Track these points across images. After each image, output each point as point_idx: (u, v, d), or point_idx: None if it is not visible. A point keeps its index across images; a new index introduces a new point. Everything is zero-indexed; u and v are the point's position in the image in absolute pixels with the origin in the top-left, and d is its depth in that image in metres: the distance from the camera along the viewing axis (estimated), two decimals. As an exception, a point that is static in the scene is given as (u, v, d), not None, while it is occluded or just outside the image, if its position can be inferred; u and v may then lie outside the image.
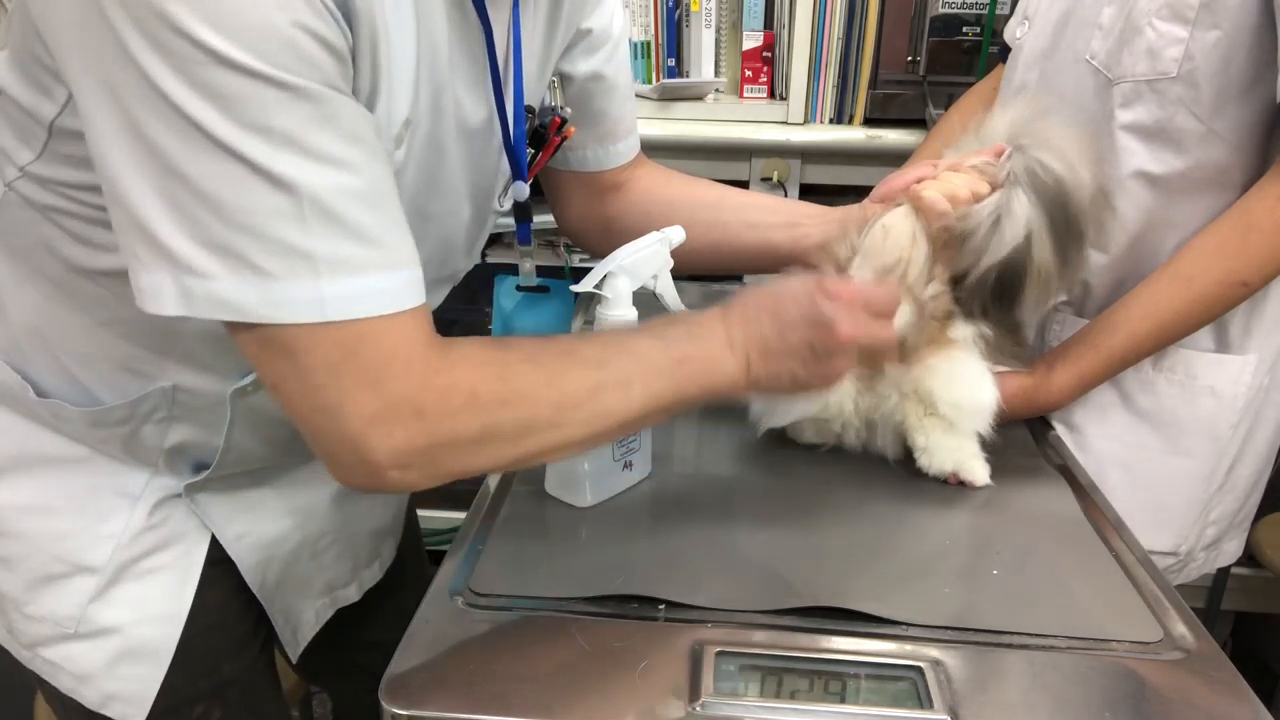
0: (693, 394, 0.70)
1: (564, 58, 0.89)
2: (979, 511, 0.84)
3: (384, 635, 0.70)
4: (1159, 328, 0.94)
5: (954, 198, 0.82)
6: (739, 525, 0.81)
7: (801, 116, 1.57)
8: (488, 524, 0.81)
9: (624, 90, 0.95)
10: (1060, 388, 0.95)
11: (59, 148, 0.65)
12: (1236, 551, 1.12)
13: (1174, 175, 0.95)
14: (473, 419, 0.62)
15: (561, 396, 0.65)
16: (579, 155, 0.96)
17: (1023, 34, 1.11)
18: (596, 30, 0.89)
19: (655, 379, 0.68)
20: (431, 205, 0.75)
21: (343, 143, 0.56)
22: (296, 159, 0.54)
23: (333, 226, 0.56)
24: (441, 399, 0.60)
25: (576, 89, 0.91)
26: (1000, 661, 0.67)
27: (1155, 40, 0.91)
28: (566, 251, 1.70)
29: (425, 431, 0.60)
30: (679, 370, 0.69)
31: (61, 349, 0.75)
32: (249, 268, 0.55)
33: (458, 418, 0.61)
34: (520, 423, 0.64)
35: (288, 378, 0.59)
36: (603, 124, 0.94)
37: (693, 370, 0.69)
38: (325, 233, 0.55)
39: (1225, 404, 1.00)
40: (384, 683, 0.62)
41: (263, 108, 0.53)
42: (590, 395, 0.66)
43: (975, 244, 0.81)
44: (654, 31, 1.68)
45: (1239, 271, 0.91)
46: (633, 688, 0.63)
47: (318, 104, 0.54)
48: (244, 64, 0.51)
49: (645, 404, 0.68)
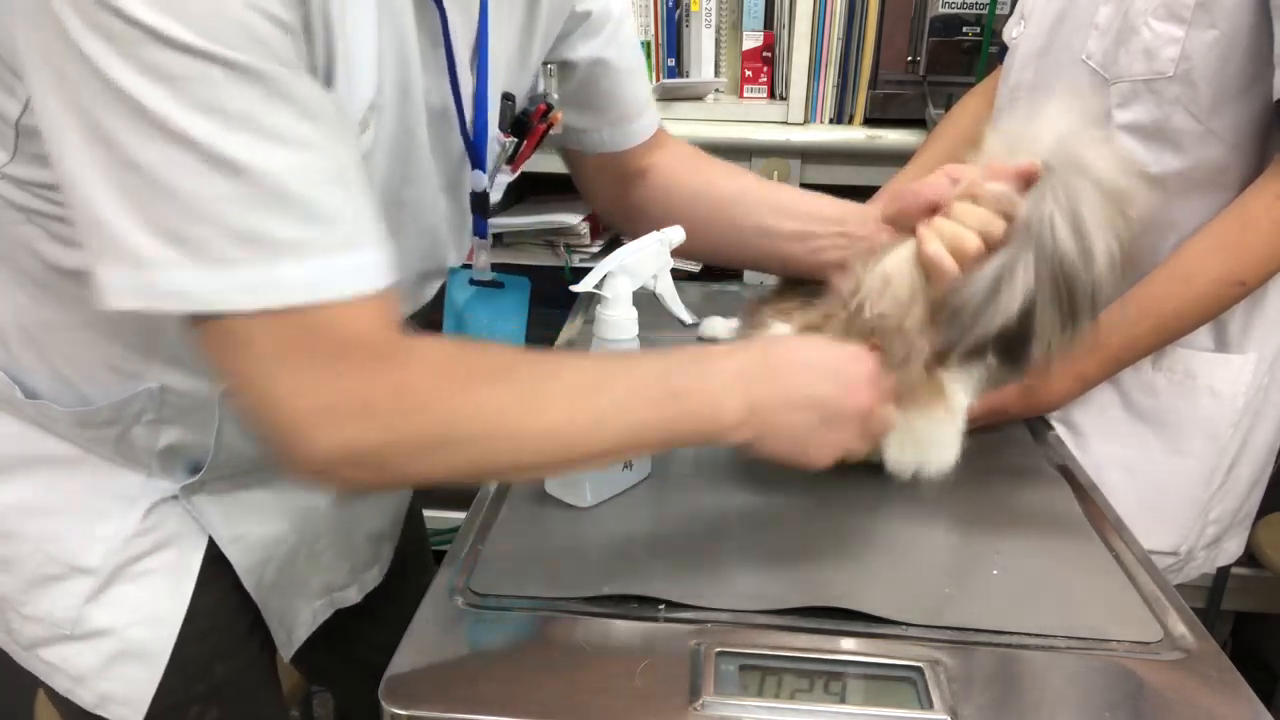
0: (684, 431, 0.66)
1: (564, 44, 0.87)
2: (979, 511, 0.84)
3: (388, 634, 0.70)
4: (1157, 327, 0.94)
5: (961, 252, 0.75)
6: (739, 525, 0.81)
7: (801, 116, 1.57)
8: (488, 524, 0.81)
9: (631, 71, 0.92)
10: (1059, 388, 0.96)
11: (28, 147, 0.64)
12: (1237, 550, 1.12)
13: (1172, 175, 0.95)
14: (426, 425, 0.58)
15: (528, 423, 0.61)
16: (596, 138, 0.93)
17: (1019, 33, 1.12)
18: (596, 12, 0.87)
19: (644, 409, 0.64)
20: (405, 192, 0.74)
21: (298, 120, 0.54)
22: (250, 140, 0.52)
23: (290, 208, 0.54)
24: (395, 398, 0.57)
25: (582, 74, 0.89)
26: (1000, 661, 0.67)
27: (1151, 40, 0.91)
28: (566, 252, 1.70)
29: (375, 430, 0.57)
30: (673, 403, 0.65)
31: (49, 350, 0.74)
32: (206, 256, 0.53)
33: (410, 420, 0.58)
34: (479, 440, 0.60)
35: (242, 369, 0.56)
36: (615, 107, 0.92)
37: (689, 406, 0.65)
38: (282, 215, 0.54)
39: (1225, 403, 1.00)
40: (384, 683, 0.62)
41: (212, 88, 0.51)
42: (564, 425, 0.62)
43: (969, 315, 0.75)
44: (654, 31, 1.68)
45: (1236, 270, 0.91)
46: (633, 688, 0.63)
47: (270, 82, 0.53)
48: (190, 44, 0.50)
49: (627, 438, 0.64)
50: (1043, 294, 0.73)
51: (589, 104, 0.91)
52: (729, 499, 0.85)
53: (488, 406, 0.60)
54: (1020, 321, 0.74)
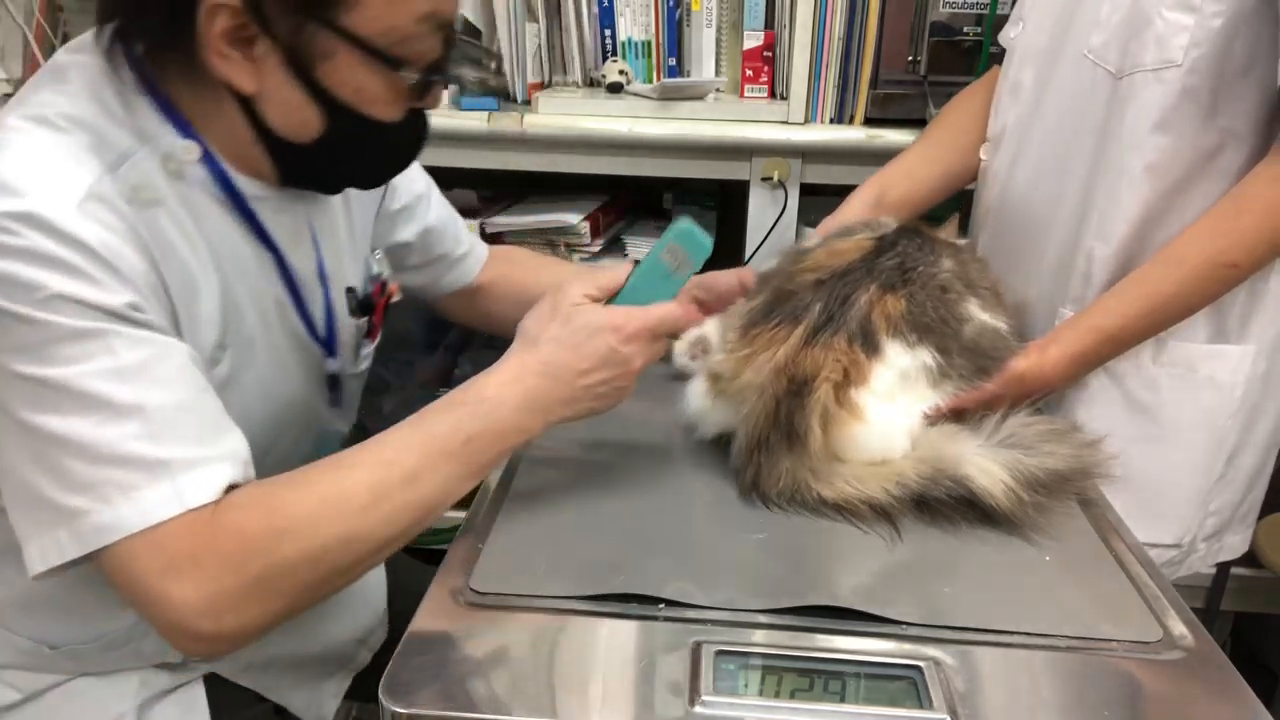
0: (487, 462, 0.75)
1: (392, 232, 1.04)
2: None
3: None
4: (1151, 309, 0.94)
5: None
6: (739, 525, 0.81)
7: (802, 116, 1.56)
8: (488, 524, 0.81)
9: (451, 220, 1.10)
10: (1054, 369, 0.95)
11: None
12: (1241, 546, 1.12)
13: (1176, 165, 0.95)
14: (251, 558, 0.66)
15: (341, 509, 0.68)
16: (446, 282, 1.12)
17: (1017, 33, 1.12)
18: (410, 201, 1.04)
19: (444, 463, 0.72)
20: (280, 390, 0.87)
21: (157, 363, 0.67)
22: (128, 387, 0.65)
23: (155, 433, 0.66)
24: (212, 545, 0.65)
25: (417, 245, 1.07)
26: (1000, 661, 0.67)
27: (1164, 30, 0.92)
28: (567, 251, 1.70)
29: (209, 578, 0.65)
30: (467, 449, 0.73)
31: (69, 610, 0.83)
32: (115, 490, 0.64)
33: (234, 559, 0.65)
34: (303, 548, 0.67)
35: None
36: (451, 253, 1.11)
37: (482, 445, 0.73)
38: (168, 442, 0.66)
39: (1224, 394, 1.00)
40: (384, 682, 0.62)
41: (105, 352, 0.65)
42: (375, 500, 0.69)
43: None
44: (654, 31, 1.67)
45: (1229, 252, 0.91)
46: (632, 687, 0.63)
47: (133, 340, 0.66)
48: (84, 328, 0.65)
49: (441, 488, 0.72)
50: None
51: (430, 263, 1.09)
52: (729, 499, 0.85)
53: (297, 515, 0.68)
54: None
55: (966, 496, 0.81)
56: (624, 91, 1.61)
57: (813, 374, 0.83)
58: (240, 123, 0.75)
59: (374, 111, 0.76)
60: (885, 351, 0.85)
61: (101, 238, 0.66)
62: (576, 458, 0.93)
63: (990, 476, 0.80)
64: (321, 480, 0.70)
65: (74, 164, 0.68)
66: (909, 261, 0.90)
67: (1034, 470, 0.82)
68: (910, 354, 0.86)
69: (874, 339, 0.85)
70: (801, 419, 0.83)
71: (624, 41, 1.68)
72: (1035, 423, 0.88)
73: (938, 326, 0.87)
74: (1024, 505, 0.80)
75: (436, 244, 1.09)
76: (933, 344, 0.87)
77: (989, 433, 0.86)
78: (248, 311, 0.80)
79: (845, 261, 0.90)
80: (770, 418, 0.83)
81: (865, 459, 0.85)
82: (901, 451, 0.85)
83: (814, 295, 0.87)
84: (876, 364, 0.84)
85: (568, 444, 0.94)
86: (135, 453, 0.65)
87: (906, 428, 0.86)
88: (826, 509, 0.82)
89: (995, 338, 0.92)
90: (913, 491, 0.82)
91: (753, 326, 0.89)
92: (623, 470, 0.90)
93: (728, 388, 0.87)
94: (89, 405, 0.64)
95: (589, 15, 1.66)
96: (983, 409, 0.89)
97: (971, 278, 0.94)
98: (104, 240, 0.66)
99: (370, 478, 0.70)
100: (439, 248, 1.09)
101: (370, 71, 0.73)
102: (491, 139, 1.57)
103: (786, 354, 0.84)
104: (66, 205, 0.65)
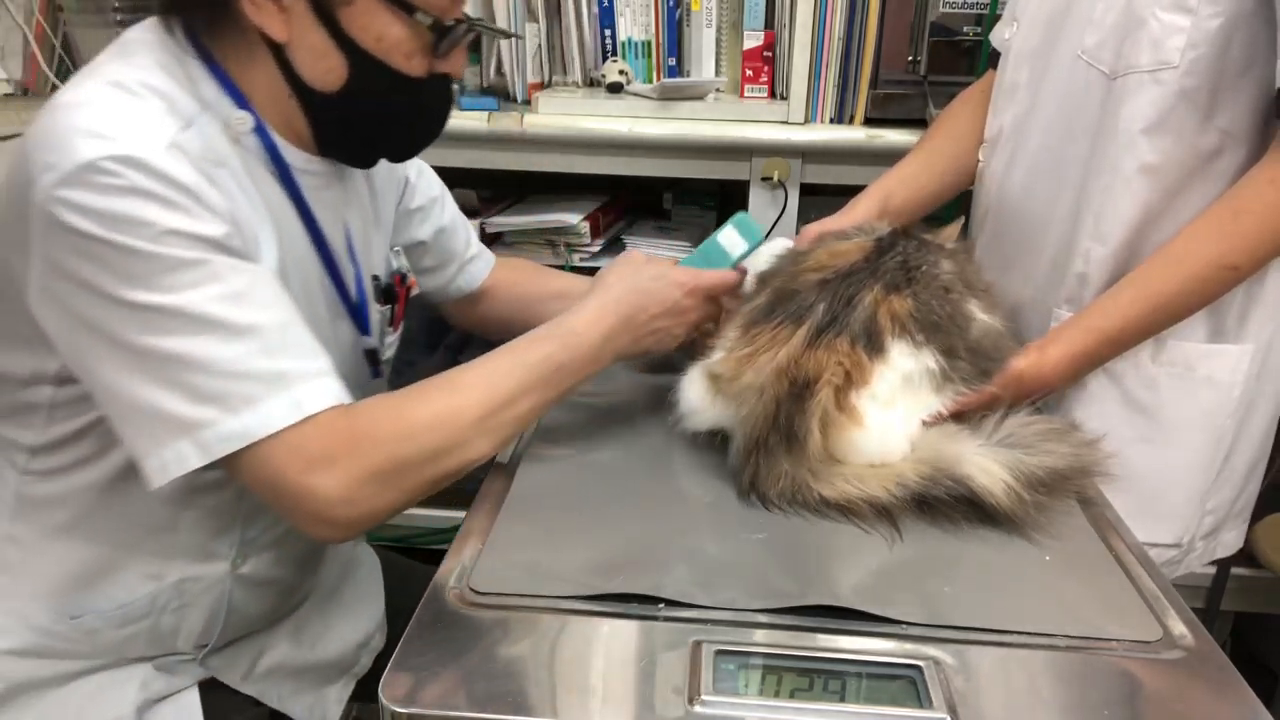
0: (570, 388, 0.86)
1: (410, 230, 1.10)
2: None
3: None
4: (1150, 310, 0.94)
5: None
6: (739, 525, 0.81)
7: (802, 116, 1.56)
8: (488, 523, 0.81)
9: (461, 229, 1.16)
10: (1053, 369, 0.95)
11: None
12: (1236, 542, 1.12)
13: (1173, 166, 0.95)
14: (378, 453, 0.75)
15: (456, 422, 0.79)
16: (456, 285, 1.17)
17: (1011, 34, 1.11)
18: (426, 202, 1.10)
19: (537, 388, 0.83)
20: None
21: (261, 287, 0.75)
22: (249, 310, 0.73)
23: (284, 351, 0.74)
24: (346, 445, 0.74)
25: (432, 243, 1.13)
26: (1000, 661, 0.67)
27: (1159, 31, 0.92)
28: (567, 251, 1.70)
29: (344, 471, 0.73)
30: (557, 375, 0.84)
31: (94, 576, 0.86)
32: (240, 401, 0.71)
33: (368, 457, 0.74)
34: (424, 448, 0.77)
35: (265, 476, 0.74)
36: (459, 259, 1.16)
37: (568, 373, 0.85)
38: (288, 355, 0.74)
39: (1223, 393, 1.00)
40: (384, 682, 0.62)
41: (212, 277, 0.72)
42: (482, 417, 0.80)
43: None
44: (654, 31, 1.68)
45: (1229, 254, 0.91)
46: (632, 687, 0.63)
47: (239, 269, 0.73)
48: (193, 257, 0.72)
49: (533, 409, 0.84)
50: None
51: (441, 264, 1.15)
52: (728, 499, 0.85)
53: (420, 421, 0.78)
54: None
55: (967, 496, 0.81)
56: (624, 91, 1.61)
57: (815, 376, 0.83)
58: (276, 76, 0.80)
59: (395, 61, 0.81)
60: (889, 353, 0.85)
61: (191, 177, 0.72)
62: (576, 458, 0.93)
63: (990, 476, 0.80)
64: (438, 398, 0.80)
65: (153, 118, 0.74)
66: (912, 261, 0.90)
67: (1034, 469, 0.82)
68: (915, 356, 0.85)
69: (878, 339, 0.85)
70: (801, 422, 0.83)
71: (624, 41, 1.68)
72: (1035, 422, 0.88)
73: (945, 325, 0.87)
74: (1025, 504, 0.80)
75: (449, 245, 1.14)
76: (939, 344, 0.86)
77: (989, 432, 0.86)
78: (293, 280, 0.84)
79: (848, 261, 0.90)
80: (770, 420, 0.83)
81: (864, 463, 0.85)
82: (900, 456, 0.85)
83: (818, 295, 0.87)
84: (879, 366, 0.84)
85: (568, 444, 0.94)
86: (255, 368, 0.72)
87: (906, 434, 0.86)
88: (827, 509, 0.82)
89: (998, 338, 0.92)
90: (913, 491, 0.82)
91: (754, 325, 0.89)
92: (623, 470, 0.90)
93: (727, 388, 0.87)
94: (207, 326, 0.71)
95: (589, 15, 1.67)
96: (982, 409, 0.89)
97: (970, 279, 0.94)
98: (194, 179, 0.72)
99: (479, 397, 0.80)
100: (451, 249, 1.15)
101: (389, 18, 0.79)
102: (491, 139, 1.57)
103: (789, 355, 0.84)
104: (157, 147, 0.71)
